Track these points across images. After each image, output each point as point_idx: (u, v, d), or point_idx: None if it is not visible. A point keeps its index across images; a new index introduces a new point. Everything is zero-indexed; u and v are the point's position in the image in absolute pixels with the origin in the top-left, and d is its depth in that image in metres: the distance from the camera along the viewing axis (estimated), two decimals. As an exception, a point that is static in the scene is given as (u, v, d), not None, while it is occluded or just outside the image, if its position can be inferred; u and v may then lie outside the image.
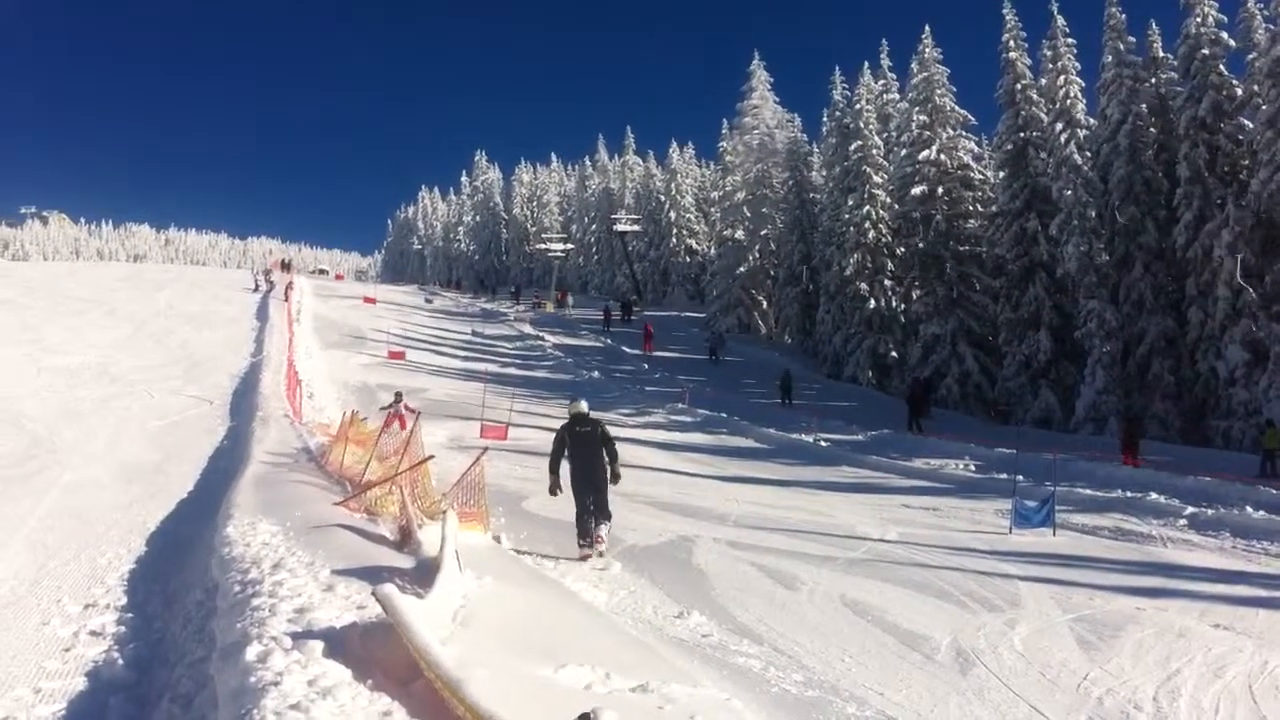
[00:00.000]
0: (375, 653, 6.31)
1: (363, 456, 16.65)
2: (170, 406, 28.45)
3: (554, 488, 13.70)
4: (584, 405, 14.13)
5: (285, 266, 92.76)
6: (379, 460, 15.86)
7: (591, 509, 13.43)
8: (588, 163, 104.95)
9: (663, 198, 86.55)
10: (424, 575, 8.67)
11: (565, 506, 14.66)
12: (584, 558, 13.15)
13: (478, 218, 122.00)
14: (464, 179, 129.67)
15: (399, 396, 26.02)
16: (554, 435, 14.11)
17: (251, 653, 6.32)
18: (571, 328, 67.65)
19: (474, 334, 60.69)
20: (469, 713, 4.94)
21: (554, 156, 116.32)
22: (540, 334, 62.61)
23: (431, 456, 14.34)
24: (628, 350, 57.26)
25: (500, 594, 8.96)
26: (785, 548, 15.10)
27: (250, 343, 43.60)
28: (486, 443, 21.90)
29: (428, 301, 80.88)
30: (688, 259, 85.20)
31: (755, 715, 7.02)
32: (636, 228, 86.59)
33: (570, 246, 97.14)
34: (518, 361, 50.34)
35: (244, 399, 29.38)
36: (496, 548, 12.59)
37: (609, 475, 13.56)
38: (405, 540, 11.04)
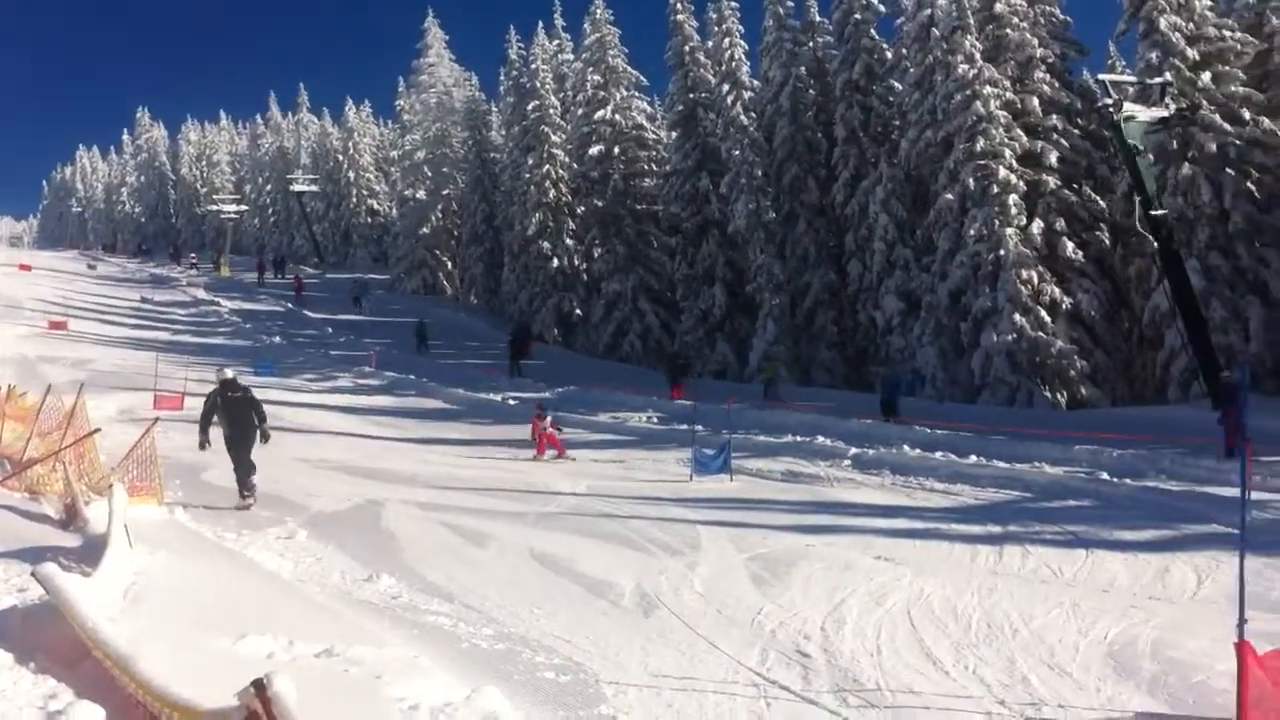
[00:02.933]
0: (39, 635, 6.06)
1: (23, 433, 15.65)
2: None
3: (203, 444, 14.53)
4: (229, 372, 15.32)
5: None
6: (40, 436, 14.98)
7: (242, 465, 14.30)
8: (259, 120, 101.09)
9: (340, 157, 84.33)
10: (91, 553, 8.33)
11: (247, 476, 14.36)
12: (245, 507, 13.94)
13: (143, 178, 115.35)
14: (126, 138, 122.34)
15: (543, 407, 22.18)
16: (205, 399, 15.10)
17: (-106, 647, 5.91)
18: (249, 292, 65.47)
19: (143, 300, 57.77)
20: (140, 689, 4.81)
21: (223, 114, 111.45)
22: (216, 299, 60.25)
23: (98, 430, 13.68)
24: (311, 315, 55.88)
25: (176, 568, 8.71)
26: (476, 506, 15.21)
27: (-115, 318, 39.99)
28: (160, 414, 20.93)
29: (90, 267, 76.37)
30: (369, 220, 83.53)
31: (444, 670, 7.09)
32: (314, 188, 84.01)
33: (244, 208, 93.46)
34: (193, 329, 48.32)
35: (-120, 379, 26.91)
36: (173, 521, 12.16)
37: (258, 435, 14.69)
38: (71, 519, 10.54)
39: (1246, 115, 30.66)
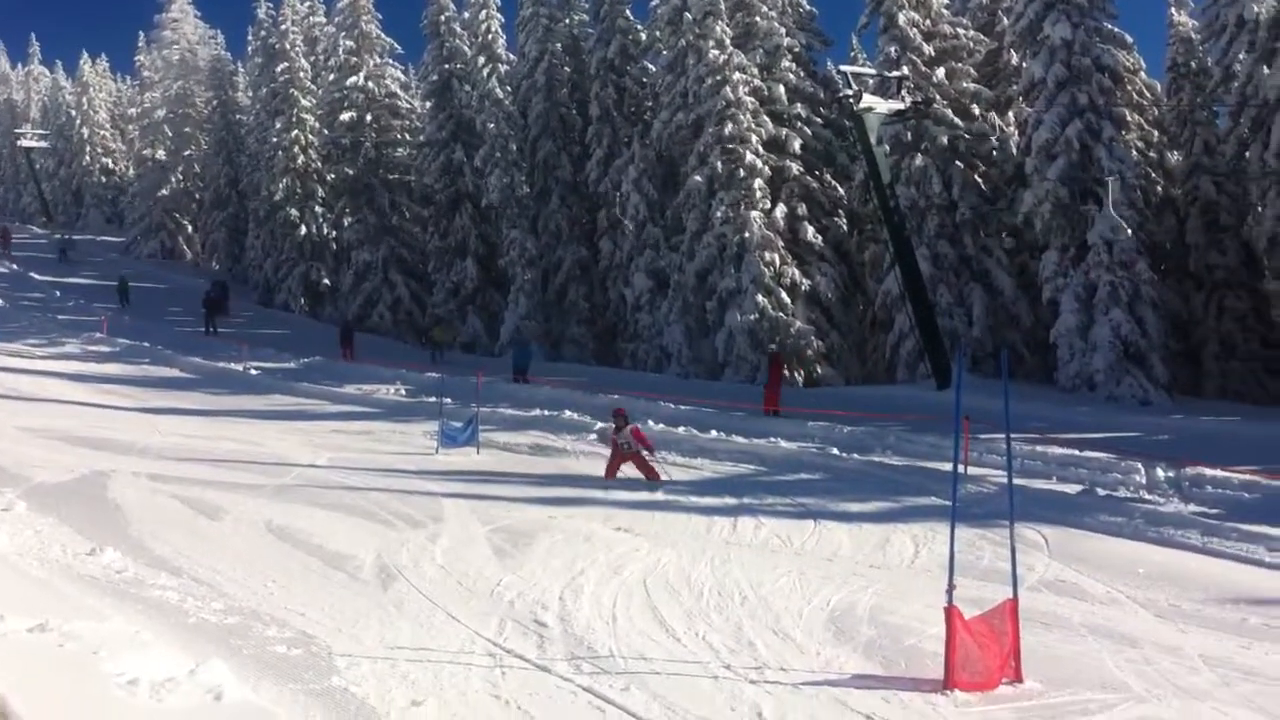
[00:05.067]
0: None
1: None
2: None
3: None
4: None
5: None
6: None
7: None
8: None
9: (74, 112, 79.60)
10: None
11: (-42, 447, 13.60)
12: None
13: None
14: None
15: (621, 414, 17.88)
16: None
17: None
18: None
19: None
20: None
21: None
22: (-76, 260, 56.32)
23: None
24: (37, 277, 52.80)
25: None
26: (211, 478, 14.82)
27: None
28: None
29: None
30: (104, 179, 79.25)
31: (167, 645, 6.92)
32: (45, 144, 79.00)
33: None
34: (-97, 291, 45.09)
35: None
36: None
37: None
38: None
39: (976, 110, 32.56)
